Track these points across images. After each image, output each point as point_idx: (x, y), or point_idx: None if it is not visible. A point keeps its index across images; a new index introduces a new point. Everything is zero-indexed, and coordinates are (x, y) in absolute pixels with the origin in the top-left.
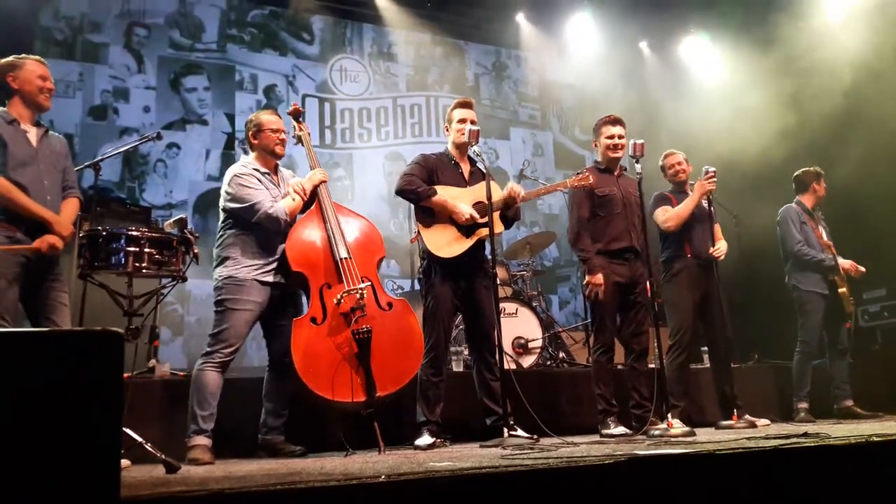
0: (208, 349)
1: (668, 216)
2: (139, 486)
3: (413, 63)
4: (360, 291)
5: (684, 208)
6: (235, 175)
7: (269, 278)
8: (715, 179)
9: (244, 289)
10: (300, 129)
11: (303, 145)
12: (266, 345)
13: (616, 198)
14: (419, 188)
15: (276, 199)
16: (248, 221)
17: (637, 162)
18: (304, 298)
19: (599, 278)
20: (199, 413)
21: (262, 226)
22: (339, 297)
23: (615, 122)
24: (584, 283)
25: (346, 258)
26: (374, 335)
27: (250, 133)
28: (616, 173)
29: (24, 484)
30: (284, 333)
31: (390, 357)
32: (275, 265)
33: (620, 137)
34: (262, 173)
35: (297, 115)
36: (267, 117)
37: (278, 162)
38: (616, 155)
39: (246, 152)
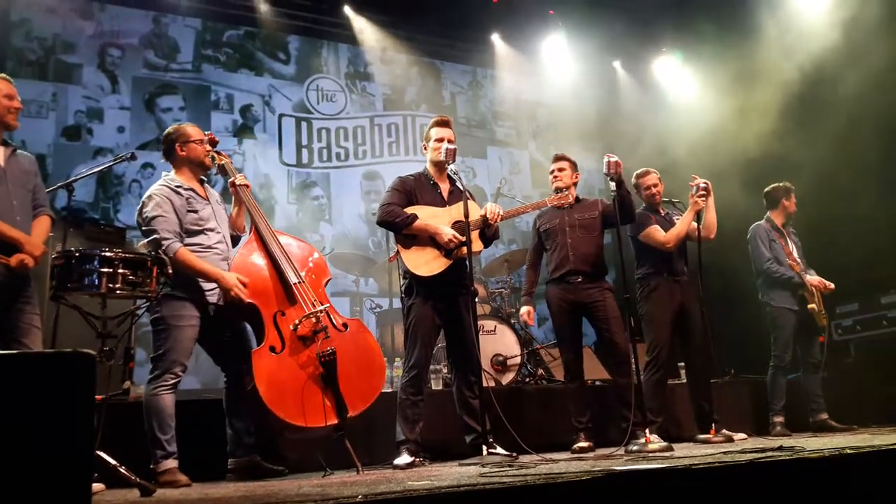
0: (157, 372)
1: (667, 237)
2: None
3: (390, 82)
4: (317, 315)
5: (682, 227)
6: (148, 196)
7: (210, 299)
8: (704, 195)
9: (184, 305)
10: (221, 159)
11: (227, 175)
12: (220, 366)
13: (556, 229)
14: (398, 218)
15: (199, 221)
16: None
17: (612, 180)
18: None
19: (522, 311)
20: (161, 437)
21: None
22: (296, 322)
23: (556, 158)
24: None
25: (298, 283)
26: (337, 356)
27: (177, 145)
28: (568, 204)
29: None
30: (230, 349)
31: (355, 376)
32: (216, 291)
33: (560, 170)
34: (186, 189)
35: (214, 144)
36: (192, 129)
37: (204, 178)
38: (557, 185)
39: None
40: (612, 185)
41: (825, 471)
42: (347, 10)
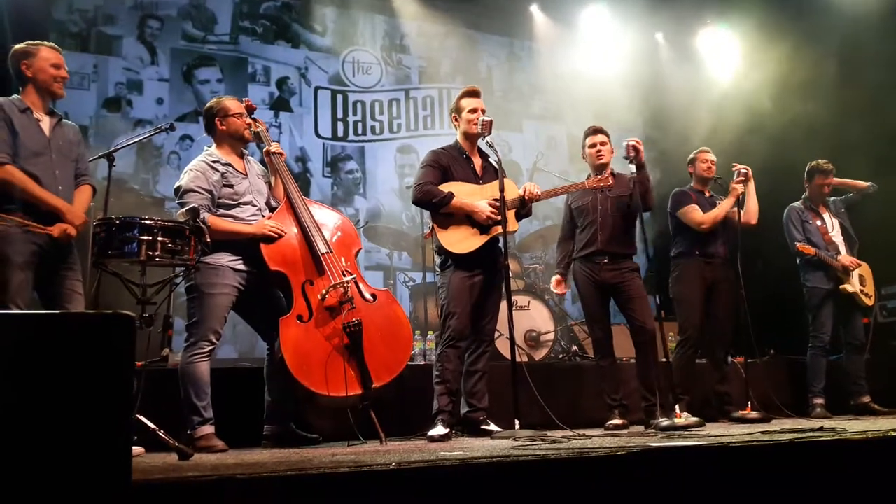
0: (192, 340)
1: (704, 218)
2: (152, 471)
3: (425, 55)
4: (344, 286)
5: (721, 211)
6: (186, 170)
7: (243, 266)
8: (744, 181)
9: (218, 274)
10: (257, 126)
11: (262, 142)
12: (259, 335)
13: (589, 207)
14: (435, 198)
15: (234, 195)
16: None
17: (631, 163)
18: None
19: (553, 279)
20: (198, 404)
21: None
22: (323, 292)
23: (595, 131)
24: None
25: (326, 252)
26: (363, 327)
27: (217, 119)
28: (608, 187)
29: (35, 465)
30: (266, 317)
31: (381, 347)
32: (249, 259)
33: (603, 144)
34: (223, 163)
35: (251, 111)
36: (231, 102)
37: (245, 151)
38: (601, 161)
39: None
40: (631, 167)
41: (868, 453)
42: None
